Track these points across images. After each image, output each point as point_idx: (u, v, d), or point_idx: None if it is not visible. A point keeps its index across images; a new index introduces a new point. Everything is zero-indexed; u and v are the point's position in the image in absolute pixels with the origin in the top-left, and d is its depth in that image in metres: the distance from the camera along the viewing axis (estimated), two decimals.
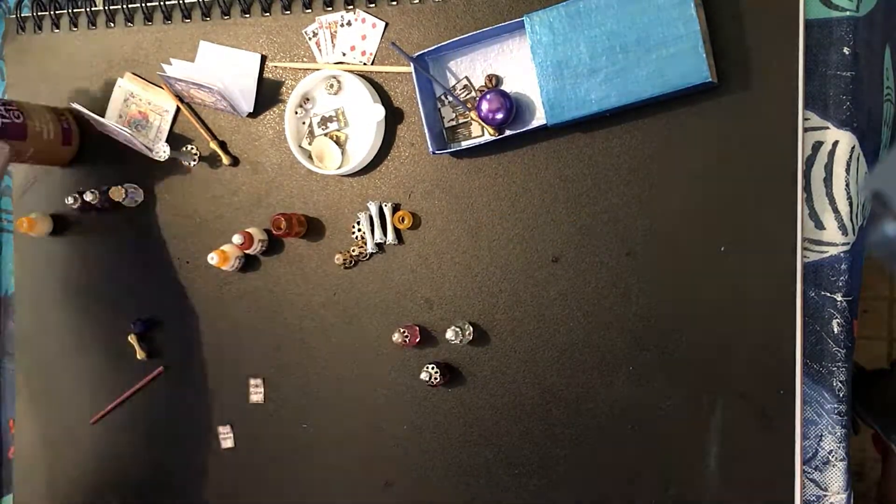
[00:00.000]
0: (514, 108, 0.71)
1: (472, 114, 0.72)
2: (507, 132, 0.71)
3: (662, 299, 0.69)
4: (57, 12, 0.84)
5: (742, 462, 0.68)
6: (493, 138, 0.71)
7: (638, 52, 0.65)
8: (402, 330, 0.73)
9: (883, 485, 0.94)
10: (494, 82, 0.72)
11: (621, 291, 0.71)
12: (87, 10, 0.84)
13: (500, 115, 0.70)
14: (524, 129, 0.71)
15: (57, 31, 0.85)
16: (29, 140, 0.78)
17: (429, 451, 0.76)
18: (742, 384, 0.68)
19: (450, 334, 0.72)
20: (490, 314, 0.74)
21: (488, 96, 0.70)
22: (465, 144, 0.73)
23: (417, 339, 0.74)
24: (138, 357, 0.83)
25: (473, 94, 0.73)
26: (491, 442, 0.74)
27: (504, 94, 0.70)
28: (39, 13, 0.85)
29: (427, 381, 0.73)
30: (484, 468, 0.74)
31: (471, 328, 0.73)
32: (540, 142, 0.72)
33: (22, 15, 0.86)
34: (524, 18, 0.68)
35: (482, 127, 0.72)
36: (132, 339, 0.83)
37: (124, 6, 0.82)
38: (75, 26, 0.84)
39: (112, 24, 0.83)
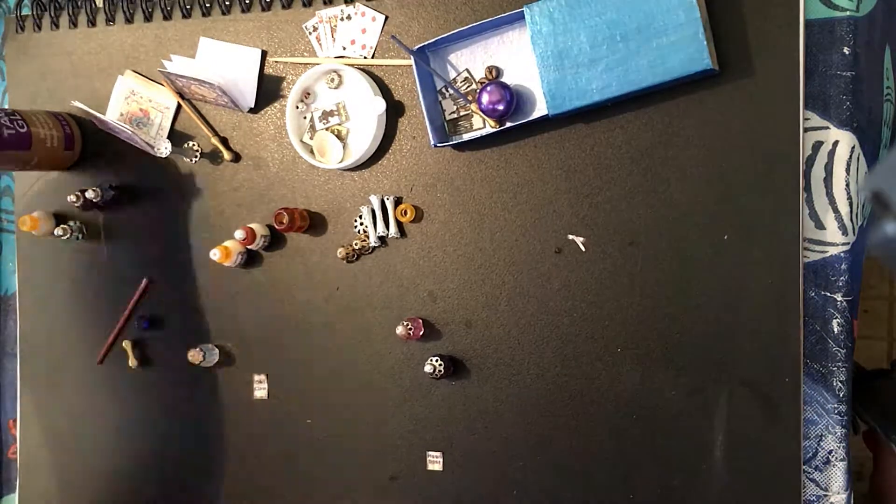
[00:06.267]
0: (515, 99, 0.71)
1: (473, 106, 0.72)
2: (508, 124, 0.71)
3: (666, 289, 0.69)
4: (56, 11, 0.85)
5: (747, 451, 0.68)
6: (495, 130, 0.72)
7: (638, 40, 0.66)
8: (405, 323, 0.73)
9: (875, 481, 0.93)
10: (495, 74, 0.72)
11: (624, 282, 0.70)
12: (87, 9, 0.84)
13: (500, 107, 0.70)
14: (525, 121, 0.71)
15: (57, 29, 0.85)
16: (33, 149, 0.79)
17: (433, 445, 0.76)
18: (746, 373, 0.68)
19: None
20: (493, 306, 0.74)
21: (489, 88, 0.70)
22: (466, 137, 0.73)
23: (421, 332, 0.74)
24: (130, 365, 0.83)
25: (474, 86, 0.73)
26: (495, 434, 0.74)
27: (504, 86, 0.70)
28: (39, 12, 0.85)
29: (431, 374, 0.73)
30: (488, 460, 0.74)
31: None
32: (541, 133, 0.72)
33: (21, 14, 0.86)
34: (524, 9, 0.68)
35: (483, 119, 0.72)
36: (126, 345, 0.83)
37: (124, 4, 0.83)
38: (75, 25, 0.85)
39: (112, 23, 0.83)
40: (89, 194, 0.82)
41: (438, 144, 0.73)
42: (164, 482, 0.84)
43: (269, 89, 0.79)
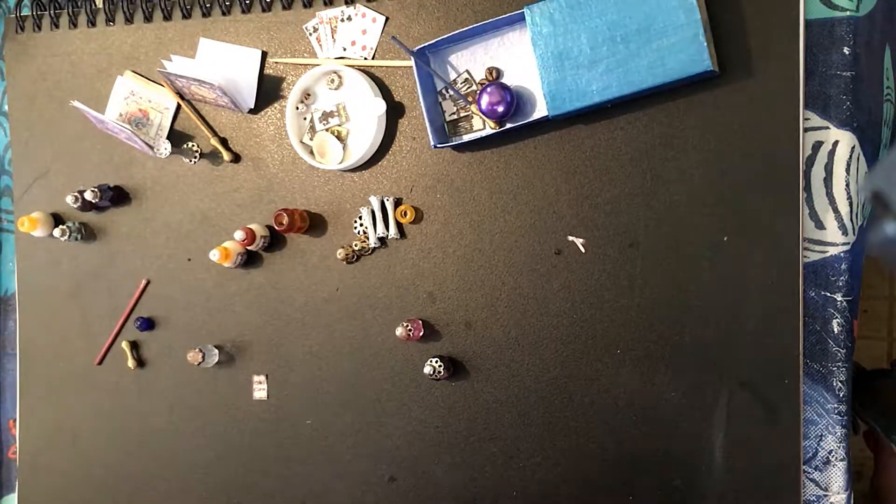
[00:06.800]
0: (515, 100, 0.71)
1: (473, 107, 0.72)
2: (508, 125, 0.71)
3: (665, 290, 0.69)
4: (56, 11, 0.84)
5: (747, 451, 0.68)
6: (495, 131, 0.72)
7: (639, 41, 0.65)
8: (405, 324, 0.73)
9: (876, 481, 0.93)
10: (495, 75, 0.72)
11: (624, 283, 0.70)
12: (87, 9, 0.84)
13: (500, 108, 0.70)
14: (525, 122, 0.71)
15: (57, 30, 0.85)
16: None
17: (433, 446, 0.76)
18: (746, 374, 0.68)
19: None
20: (493, 307, 0.74)
21: (489, 89, 0.70)
22: (466, 138, 0.73)
23: (421, 333, 0.74)
24: (129, 365, 0.83)
25: (474, 87, 0.73)
26: (495, 435, 0.74)
27: (504, 87, 0.70)
28: (39, 12, 0.85)
29: (430, 375, 0.73)
30: (488, 461, 0.74)
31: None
32: (541, 134, 0.72)
33: (21, 14, 0.86)
34: (525, 10, 0.68)
35: (483, 120, 0.72)
36: (125, 345, 0.83)
37: (124, 5, 0.82)
38: (75, 25, 0.84)
39: (112, 23, 0.83)
40: (88, 195, 0.81)
41: (438, 145, 0.73)
42: (164, 483, 0.84)
43: (269, 90, 0.79)
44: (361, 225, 0.77)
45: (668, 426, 0.70)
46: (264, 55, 0.79)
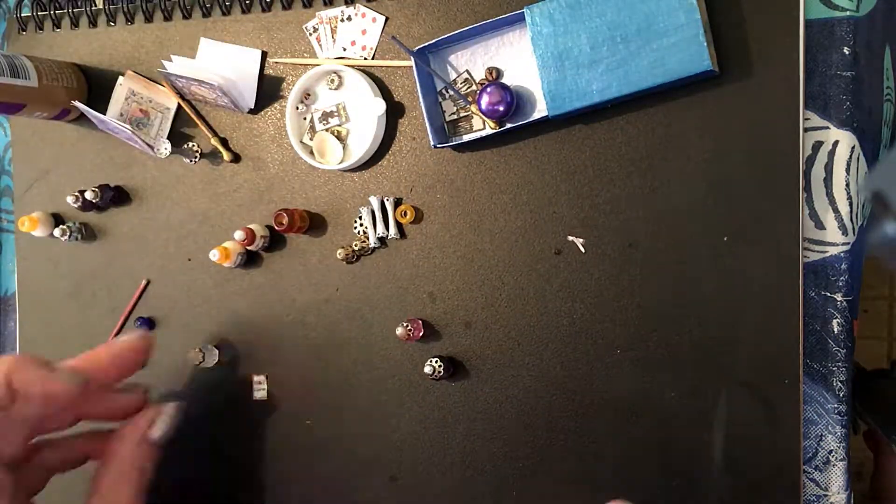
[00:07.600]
0: (515, 100, 0.71)
1: (473, 107, 0.72)
2: (508, 125, 0.71)
3: (665, 290, 0.69)
4: (58, 12, 0.85)
5: (747, 452, 0.68)
6: (495, 131, 0.72)
7: (639, 41, 0.66)
8: (405, 324, 0.73)
9: (876, 481, 0.94)
10: (495, 75, 0.72)
11: (624, 283, 0.71)
12: (88, 9, 0.84)
13: (500, 108, 0.70)
14: (525, 122, 0.71)
15: (58, 30, 0.85)
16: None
17: (433, 445, 0.76)
18: (746, 374, 0.68)
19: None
20: (493, 307, 0.74)
21: (489, 89, 0.70)
22: (466, 138, 0.73)
23: (421, 333, 0.74)
24: None
25: (474, 87, 0.73)
26: (495, 435, 0.74)
27: (504, 87, 0.70)
28: (40, 13, 0.85)
29: (431, 375, 0.73)
30: (488, 461, 0.74)
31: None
32: (541, 134, 0.72)
33: (22, 15, 0.86)
34: (524, 10, 0.68)
35: (483, 120, 0.72)
36: None
37: (125, 5, 0.83)
38: (76, 26, 0.85)
39: (113, 24, 0.83)
40: (88, 195, 0.82)
41: (438, 145, 0.73)
42: (163, 483, 0.83)
43: (269, 90, 0.79)
44: (361, 225, 0.77)
45: (668, 426, 0.70)
46: (264, 55, 0.79)
